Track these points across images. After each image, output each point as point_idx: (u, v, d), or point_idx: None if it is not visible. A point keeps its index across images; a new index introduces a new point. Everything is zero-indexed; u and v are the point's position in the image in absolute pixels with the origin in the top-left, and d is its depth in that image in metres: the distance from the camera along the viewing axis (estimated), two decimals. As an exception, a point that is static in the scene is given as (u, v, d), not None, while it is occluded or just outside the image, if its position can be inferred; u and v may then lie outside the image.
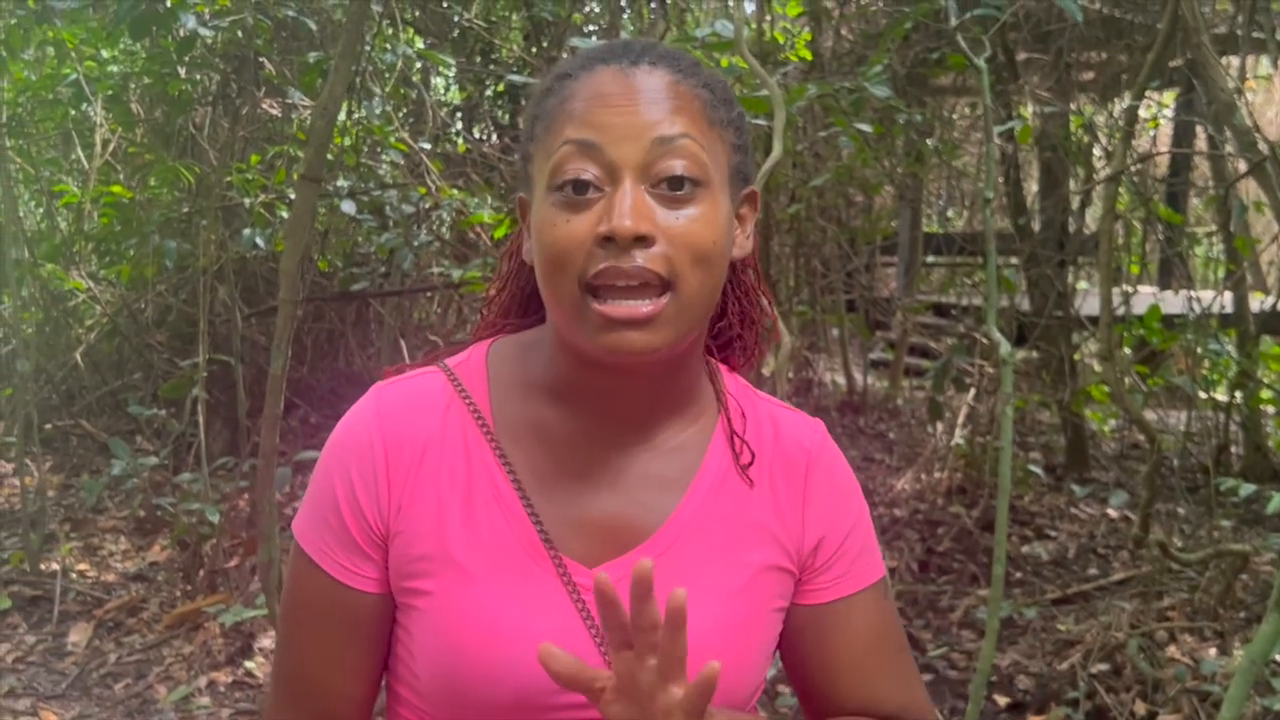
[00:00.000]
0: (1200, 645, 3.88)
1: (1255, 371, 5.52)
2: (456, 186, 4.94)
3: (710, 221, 1.04)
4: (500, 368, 1.19)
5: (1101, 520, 5.41)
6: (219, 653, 4.03)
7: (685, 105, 1.06)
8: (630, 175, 1.02)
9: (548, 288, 1.06)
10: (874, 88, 3.60)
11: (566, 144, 1.04)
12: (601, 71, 1.06)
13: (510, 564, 1.11)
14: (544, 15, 6.00)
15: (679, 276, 1.02)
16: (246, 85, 4.77)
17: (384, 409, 1.15)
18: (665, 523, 1.14)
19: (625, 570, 1.09)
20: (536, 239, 1.06)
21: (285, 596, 1.19)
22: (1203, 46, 2.76)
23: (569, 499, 1.13)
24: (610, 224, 1.00)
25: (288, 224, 2.69)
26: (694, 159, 1.04)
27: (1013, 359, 2.11)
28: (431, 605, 1.10)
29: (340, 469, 1.14)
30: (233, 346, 4.82)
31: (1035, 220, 6.39)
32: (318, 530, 1.15)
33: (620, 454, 1.15)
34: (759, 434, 1.21)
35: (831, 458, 1.24)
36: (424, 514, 1.12)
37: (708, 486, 1.17)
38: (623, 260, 1.00)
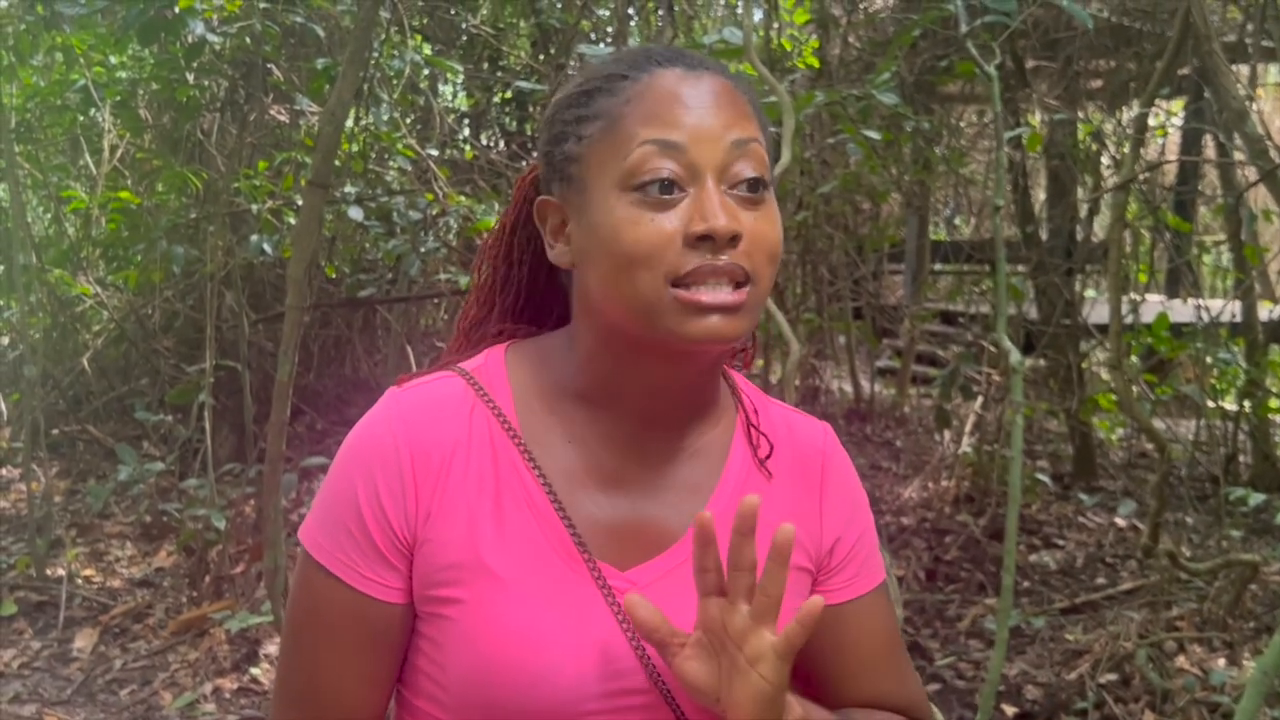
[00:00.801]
0: (1209, 656, 3.87)
1: (1264, 380, 5.50)
2: (464, 193, 4.94)
3: (776, 222, 1.08)
4: (522, 371, 1.17)
5: (1109, 529, 5.39)
6: (224, 659, 4.02)
7: (746, 110, 1.08)
8: (712, 176, 1.04)
9: (620, 284, 1.04)
10: (882, 95, 3.59)
11: (647, 144, 1.03)
12: (664, 74, 1.07)
13: (544, 569, 1.09)
14: (552, 22, 6.00)
15: (758, 273, 1.04)
16: (254, 91, 4.77)
17: (406, 414, 1.13)
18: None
19: (657, 573, 1.12)
20: (611, 238, 1.04)
21: (294, 608, 1.15)
22: (1214, 54, 2.74)
23: (600, 502, 1.13)
24: (708, 223, 1.01)
25: (295, 230, 2.69)
26: (761, 162, 1.07)
27: (1023, 368, 2.10)
28: (464, 614, 1.08)
29: (363, 476, 1.11)
30: (239, 352, 4.82)
31: (1043, 228, 6.38)
32: (335, 540, 1.11)
33: (648, 457, 1.15)
34: (774, 435, 1.22)
35: (842, 459, 1.26)
36: (453, 521, 1.09)
37: (732, 488, 1.17)
38: (715, 260, 1.02)
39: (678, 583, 1.10)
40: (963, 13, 2.02)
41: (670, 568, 1.12)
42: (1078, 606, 4.50)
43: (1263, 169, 2.76)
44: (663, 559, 1.12)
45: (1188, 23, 3.14)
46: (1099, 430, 6.39)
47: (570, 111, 1.10)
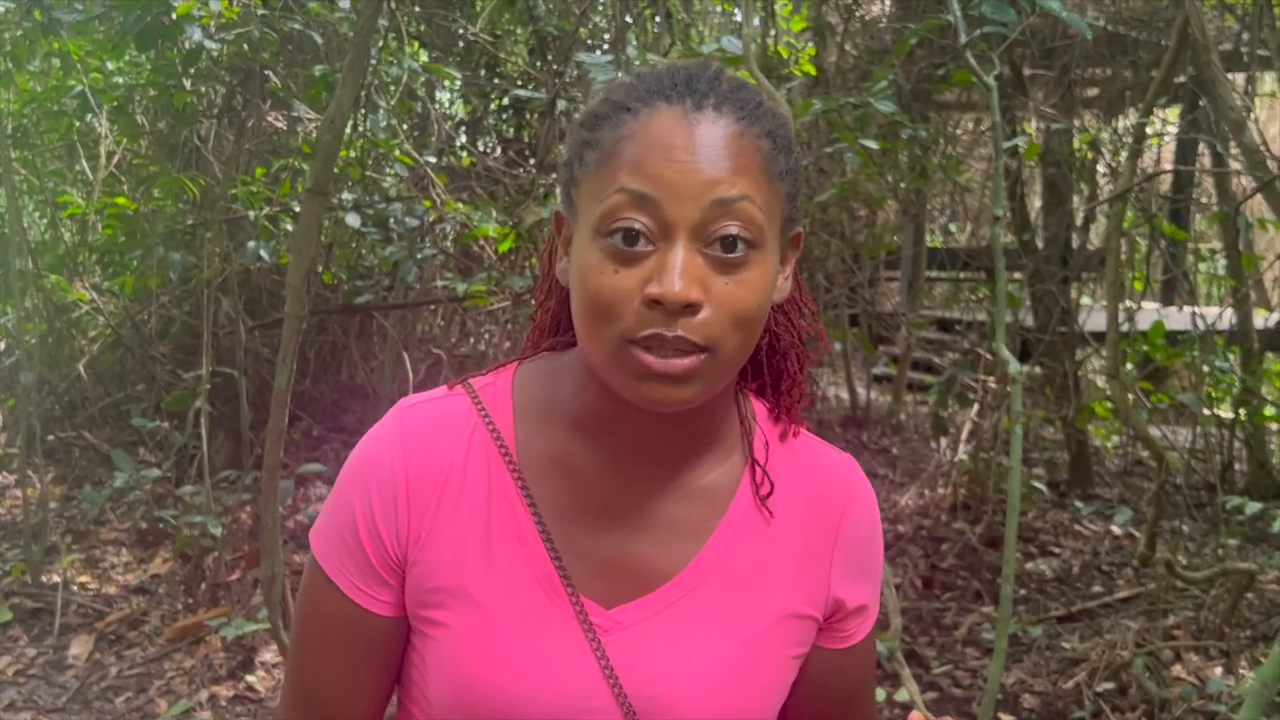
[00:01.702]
0: (1206, 664, 3.87)
1: (1259, 388, 5.51)
2: (461, 200, 4.94)
3: (758, 286, 1.01)
4: (526, 394, 1.16)
5: (1105, 537, 5.40)
6: (220, 666, 4.02)
7: (747, 161, 1.01)
8: (684, 236, 0.98)
9: (587, 330, 1.03)
10: (879, 103, 3.60)
11: (621, 192, 0.99)
12: (664, 113, 1.01)
13: (526, 601, 1.09)
14: (549, 30, 6.01)
15: (718, 341, 0.99)
16: (252, 98, 4.77)
17: (408, 432, 1.13)
18: (685, 568, 1.12)
19: (643, 613, 1.10)
20: (580, 281, 1.03)
21: (299, 608, 1.18)
22: (1212, 65, 2.75)
23: (590, 537, 1.11)
24: (661, 288, 0.96)
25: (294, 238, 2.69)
26: (751, 221, 1.00)
27: (1022, 378, 2.11)
28: (446, 637, 1.09)
29: (361, 492, 1.12)
30: (236, 359, 4.81)
31: (1039, 236, 6.39)
32: (335, 549, 1.14)
33: (645, 493, 1.13)
34: (790, 471, 1.18)
35: (866, 501, 1.22)
36: (442, 546, 1.10)
37: (732, 533, 1.14)
38: (667, 327, 0.97)
39: (661, 625, 1.10)
40: (961, 24, 2.02)
41: (657, 609, 1.11)
42: (1074, 615, 4.50)
43: (1260, 179, 2.77)
44: (650, 599, 1.11)
45: (1185, 32, 3.15)
46: (1095, 438, 6.40)
47: (582, 132, 1.07)
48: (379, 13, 2.58)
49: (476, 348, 6.40)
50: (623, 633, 1.09)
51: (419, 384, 6.38)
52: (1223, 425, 5.63)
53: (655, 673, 1.08)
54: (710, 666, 1.09)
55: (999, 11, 1.99)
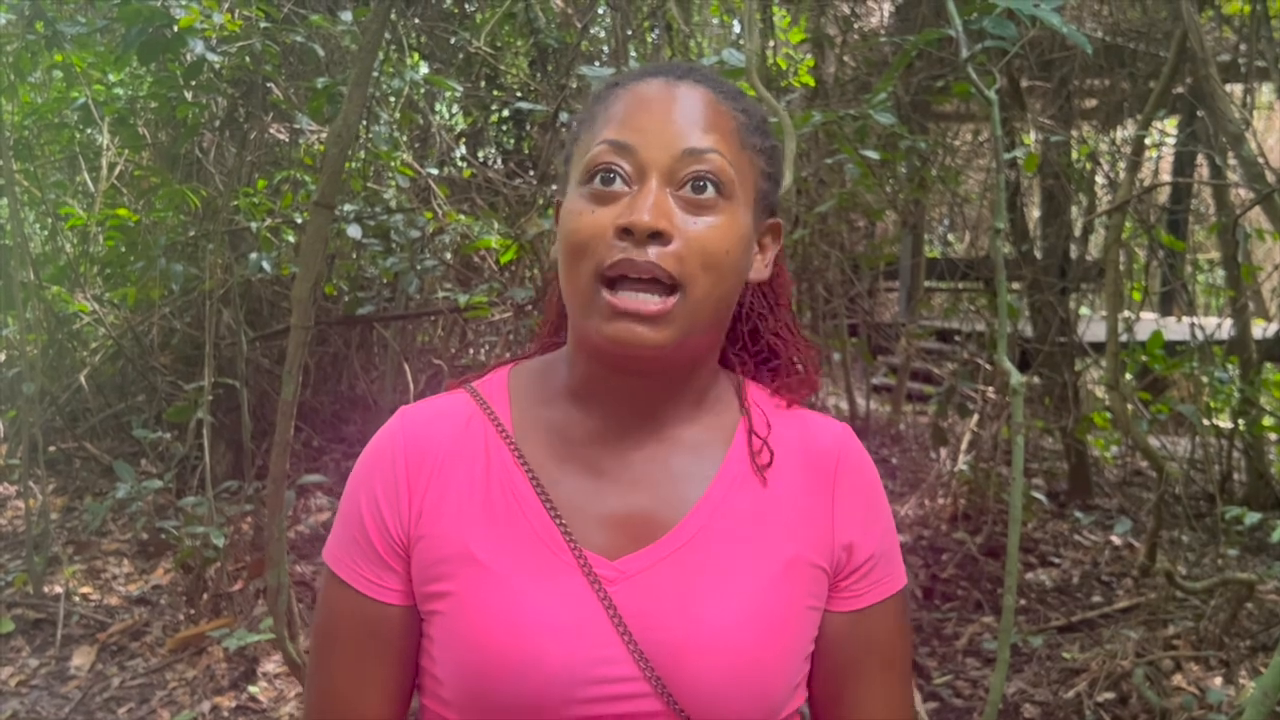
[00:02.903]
0: (1206, 674, 3.88)
1: (1258, 399, 5.52)
2: (462, 211, 4.96)
3: (726, 232, 1.09)
4: (521, 382, 1.23)
5: (1105, 547, 5.41)
6: (222, 677, 4.02)
7: (720, 123, 1.11)
8: (656, 176, 1.07)
9: (566, 277, 1.10)
10: (878, 115, 3.62)
11: (603, 143, 1.09)
12: (648, 83, 1.12)
13: (531, 559, 1.11)
14: (550, 42, 6.03)
15: (689, 278, 1.06)
16: (254, 110, 4.78)
17: (407, 424, 1.19)
18: (687, 515, 1.14)
19: (646, 563, 1.12)
20: (561, 228, 1.11)
21: (317, 621, 1.20)
22: (1210, 78, 2.77)
23: (588, 494, 1.15)
24: (631, 216, 1.04)
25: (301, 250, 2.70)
26: (720, 171, 1.09)
27: (1023, 389, 2.12)
28: (452, 607, 1.11)
29: (365, 485, 1.17)
30: (237, 370, 4.82)
31: (1038, 247, 6.41)
32: (346, 549, 1.17)
33: (639, 450, 1.17)
34: (784, 436, 1.22)
35: (858, 460, 1.25)
36: (444, 517, 1.14)
37: (728, 484, 1.17)
38: (636, 254, 1.04)
39: (667, 572, 1.12)
40: (963, 39, 2.04)
41: (660, 557, 1.12)
42: (1074, 625, 4.51)
43: (1259, 191, 2.79)
44: (653, 549, 1.13)
45: (1184, 45, 3.17)
46: (1094, 448, 6.41)
47: (577, 117, 1.20)
48: (384, 28, 2.60)
49: (477, 358, 6.42)
50: (628, 582, 1.11)
51: (419, 394, 6.39)
52: (1222, 435, 5.64)
53: (664, 619, 1.09)
54: (720, 610, 1.10)
55: (1000, 27, 2.00)
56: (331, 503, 5.82)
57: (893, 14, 7.06)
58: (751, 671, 1.10)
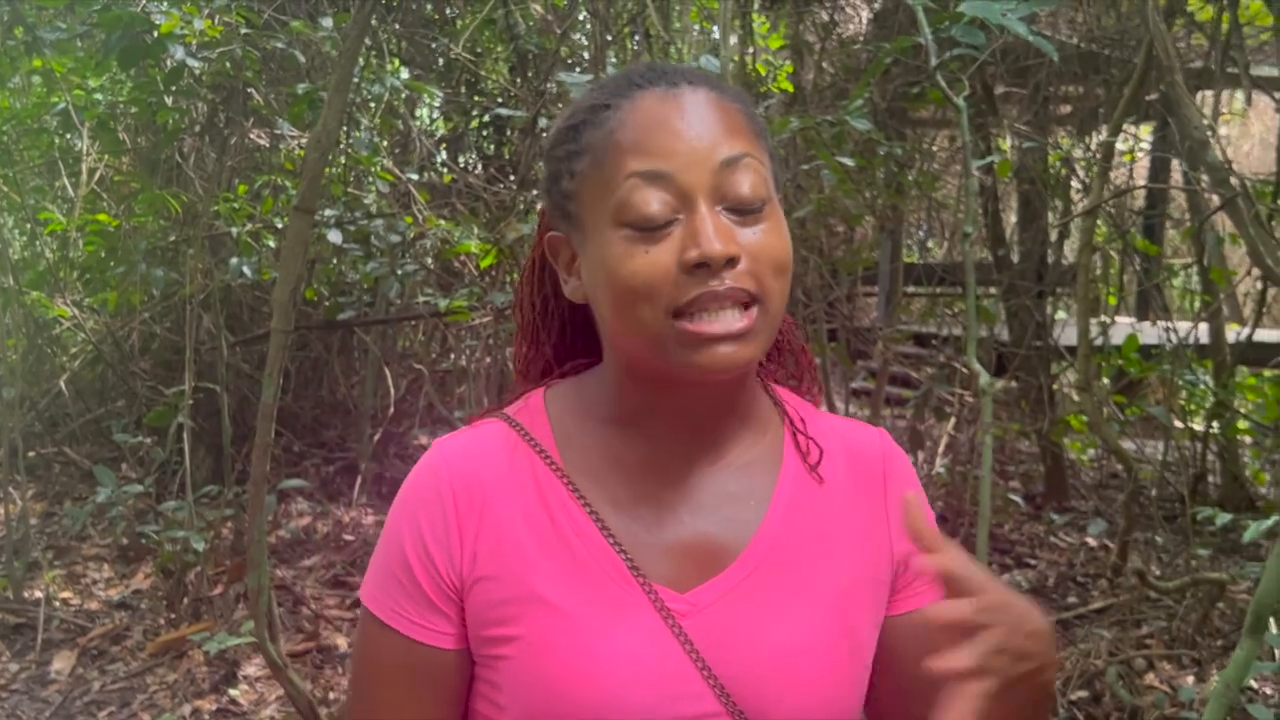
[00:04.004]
0: (1178, 673, 3.92)
1: (1231, 402, 5.58)
2: (442, 216, 4.98)
3: (781, 233, 1.05)
4: (560, 407, 1.17)
5: (1080, 549, 5.45)
6: (203, 680, 4.03)
7: (736, 123, 1.05)
8: (704, 199, 1.01)
9: (625, 319, 1.03)
10: (855, 121, 3.66)
11: (633, 176, 1.01)
12: (645, 97, 1.05)
13: (600, 596, 1.06)
14: (529, 48, 6.06)
15: (765, 290, 1.01)
16: (234, 115, 4.80)
17: (448, 459, 1.13)
18: (753, 539, 1.11)
19: (718, 592, 1.08)
20: (609, 275, 1.03)
21: (356, 666, 1.15)
22: (1176, 85, 2.82)
23: (650, 524, 1.10)
24: (701, 250, 0.98)
25: (281, 255, 2.72)
26: (757, 175, 1.03)
27: (992, 390, 2.16)
28: (521, 650, 1.06)
29: (409, 524, 1.11)
30: (218, 374, 4.83)
31: (1014, 251, 6.46)
32: (387, 591, 1.11)
33: (695, 474, 1.12)
34: (827, 445, 1.19)
35: (902, 461, 1.22)
36: (501, 557, 1.08)
37: (789, 497, 1.14)
38: (715, 283, 0.99)
39: (738, 601, 1.08)
40: (932, 47, 2.08)
41: (730, 586, 1.09)
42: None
43: (1224, 196, 2.83)
44: (723, 578, 1.09)
45: (1151, 52, 3.22)
46: (1070, 451, 6.46)
47: (562, 148, 1.09)
48: (365, 34, 2.63)
49: (458, 363, 6.43)
50: (701, 615, 1.07)
51: (400, 399, 6.41)
52: (1195, 438, 5.69)
53: (740, 650, 1.06)
54: (795, 637, 1.08)
55: (969, 35, 2.04)
56: (312, 507, 5.83)
57: (870, 21, 7.11)
58: (831, 694, 1.08)
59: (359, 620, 1.15)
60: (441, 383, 6.50)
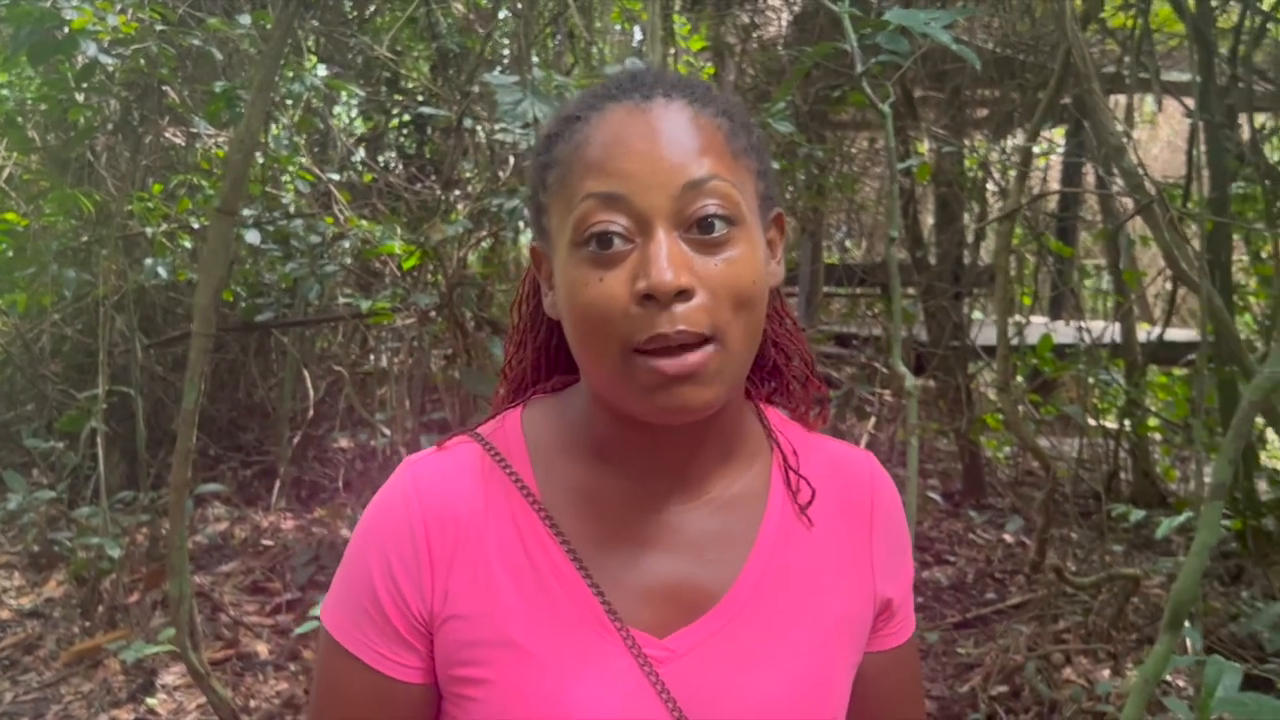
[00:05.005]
0: (1094, 666, 4.00)
1: (1143, 400, 5.69)
2: (363, 216, 4.93)
3: (748, 263, 0.97)
4: (538, 433, 1.11)
5: (998, 545, 5.54)
6: (120, 690, 3.95)
7: (709, 140, 0.98)
8: (662, 224, 0.94)
9: (586, 349, 0.98)
10: (777, 123, 3.68)
11: (589, 198, 0.96)
12: (614, 110, 0.98)
13: (576, 642, 1.02)
14: (451, 46, 6.02)
15: (722, 328, 0.95)
16: (149, 113, 4.71)
17: (420, 486, 1.07)
18: (734, 583, 1.07)
19: (697, 639, 1.04)
20: (568, 300, 0.98)
21: (320, 690, 1.11)
22: (1094, 94, 2.88)
23: (629, 566, 1.05)
24: (649, 280, 0.92)
25: (203, 257, 2.68)
26: (726, 198, 0.96)
27: (917, 392, 2.19)
28: (492, 694, 1.02)
29: (378, 554, 1.06)
30: (132, 378, 4.74)
31: (931, 253, 6.55)
32: (354, 621, 1.07)
33: (677, 512, 1.07)
34: (817, 473, 1.14)
35: (890, 494, 1.18)
36: (474, 596, 1.03)
37: (774, 538, 1.09)
38: (664, 323, 0.93)
39: (719, 647, 1.05)
40: (858, 53, 2.10)
41: (711, 632, 1.05)
42: (969, 621, 4.62)
43: (1139, 202, 2.90)
44: (703, 623, 1.05)
45: (1069, 59, 3.28)
46: (987, 449, 6.56)
47: (538, 159, 1.04)
48: (289, 33, 2.59)
49: (378, 365, 6.37)
50: (679, 662, 1.03)
51: (319, 401, 6.34)
52: (1108, 436, 5.80)
53: (719, 698, 1.03)
54: (775, 684, 1.04)
55: (893, 42, 2.07)
56: (230, 512, 5.74)
57: (790, 24, 7.16)
58: None
59: (321, 642, 1.11)
60: (362, 385, 6.44)
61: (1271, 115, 5.76)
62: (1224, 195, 4.25)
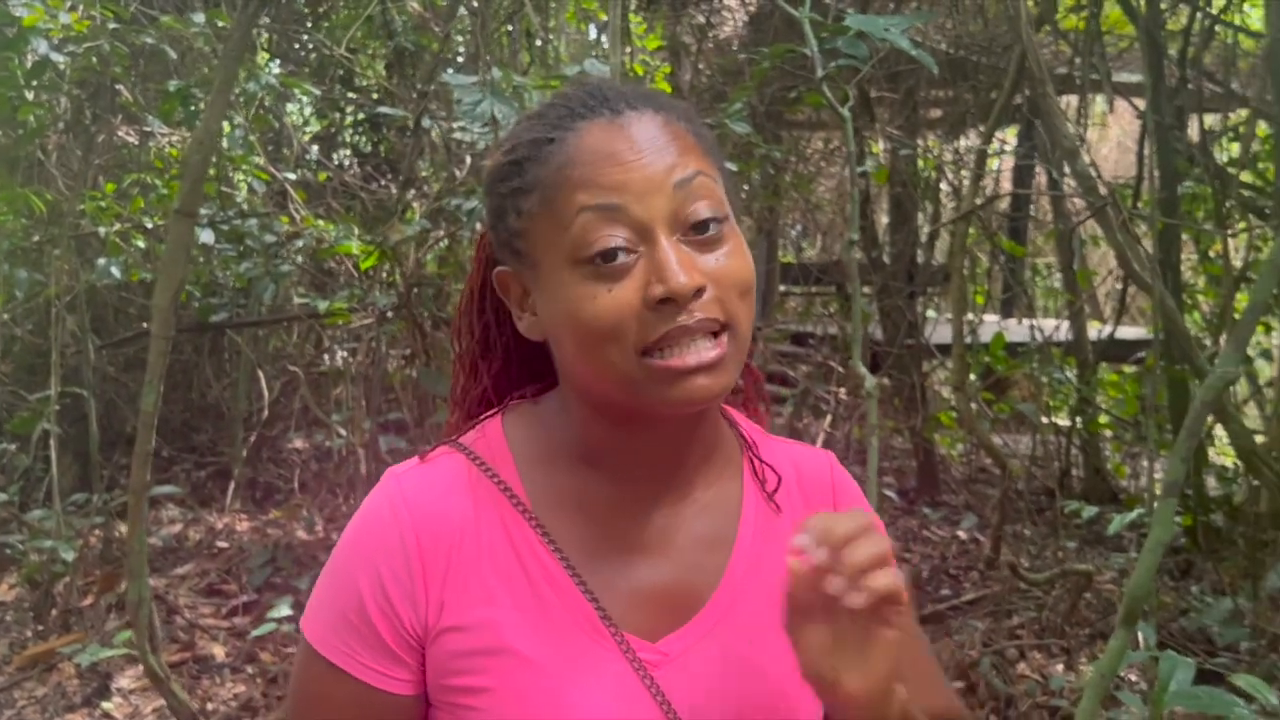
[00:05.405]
0: (1048, 662, 4.05)
1: (1094, 398, 5.77)
2: (318, 215, 4.90)
3: (742, 252, 1.02)
4: (521, 440, 1.12)
5: (953, 542, 5.59)
6: (74, 694, 3.91)
7: (685, 143, 1.02)
8: (662, 229, 0.97)
9: (593, 361, 0.99)
10: (734, 124, 3.70)
11: (585, 211, 0.97)
12: (590, 127, 1.01)
13: (571, 647, 1.04)
14: (407, 45, 5.99)
15: (733, 315, 0.99)
16: (102, 112, 4.66)
17: (408, 498, 1.07)
18: (721, 583, 1.10)
19: (689, 641, 1.07)
20: (571, 316, 0.99)
21: (297, 698, 1.11)
22: (1047, 96, 2.92)
23: (620, 571, 1.08)
24: (667, 285, 0.95)
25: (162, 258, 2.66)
26: (712, 195, 1.00)
27: (877, 392, 2.21)
28: (493, 702, 1.03)
29: (366, 568, 1.06)
30: (84, 379, 4.69)
31: (886, 253, 6.60)
32: (340, 635, 1.06)
33: (663, 515, 1.10)
34: (783, 472, 1.18)
35: (850, 486, 1.22)
36: (470, 607, 1.04)
37: (752, 538, 1.13)
38: (684, 318, 0.96)
39: (710, 648, 1.08)
40: (818, 58, 2.13)
41: (701, 634, 1.08)
42: (924, 617, 4.65)
43: (1092, 204, 2.94)
44: (692, 625, 1.08)
45: (1023, 62, 3.32)
46: (942, 447, 6.62)
47: (505, 184, 1.05)
48: (249, 33, 2.58)
49: (333, 365, 6.34)
50: (672, 664, 1.06)
51: (274, 402, 6.30)
52: (1060, 433, 5.88)
53: (712, 698, 1.05)
54: (764, 682, 1.07)
55: (853, 47, 2.09)
56: (184, 514, 5.69)
57: (746, 24, 7.19)
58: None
59: (300, 653, 1.10)
60: (316, 384, 6.40)
61: (1220, 116, 5.85)
62: (1173, 195, 4.32)
